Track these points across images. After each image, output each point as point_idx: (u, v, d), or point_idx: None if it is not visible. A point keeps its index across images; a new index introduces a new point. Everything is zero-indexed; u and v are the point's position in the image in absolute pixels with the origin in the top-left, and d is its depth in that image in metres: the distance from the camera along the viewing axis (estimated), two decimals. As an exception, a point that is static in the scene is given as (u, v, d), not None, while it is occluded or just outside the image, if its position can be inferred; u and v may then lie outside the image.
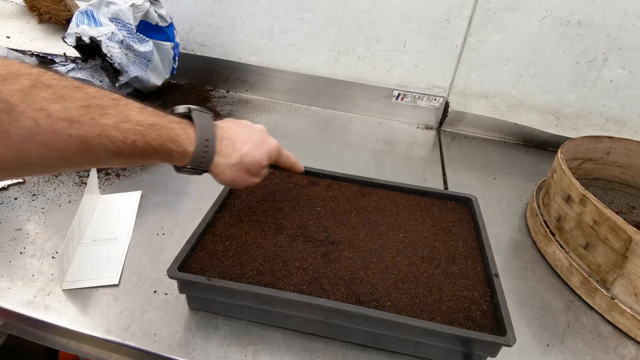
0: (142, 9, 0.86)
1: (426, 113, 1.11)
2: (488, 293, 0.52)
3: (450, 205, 0.68)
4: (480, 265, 0.56)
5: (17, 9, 1.14)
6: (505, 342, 0.44)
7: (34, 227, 0.64)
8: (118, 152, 0.39)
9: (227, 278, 0.49)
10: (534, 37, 0.96)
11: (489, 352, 0.47)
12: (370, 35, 1.04)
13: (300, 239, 0.57)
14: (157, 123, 0.42)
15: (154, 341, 0.49)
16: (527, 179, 0.91)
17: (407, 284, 0.51)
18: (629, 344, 0.56)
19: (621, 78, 0.96)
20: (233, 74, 1.17)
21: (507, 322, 0.46)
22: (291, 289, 0.49)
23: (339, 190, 0.68)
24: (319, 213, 0.62)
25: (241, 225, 0.58)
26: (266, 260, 0.53)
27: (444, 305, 0.49)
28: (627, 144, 0.85)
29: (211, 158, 0.48)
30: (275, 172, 0.70)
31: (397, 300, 0.49)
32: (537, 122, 1.06)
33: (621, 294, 0.57)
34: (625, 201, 0.86)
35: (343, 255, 0.55)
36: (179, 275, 0.48)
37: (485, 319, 0.48)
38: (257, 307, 0.50)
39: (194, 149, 0.46)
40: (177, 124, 0.45)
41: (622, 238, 0.55)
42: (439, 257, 0.57)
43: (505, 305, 0.48)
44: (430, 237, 0.60)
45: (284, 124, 1.05)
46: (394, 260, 0.55)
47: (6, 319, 0.53)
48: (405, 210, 0.65)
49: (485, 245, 0.58)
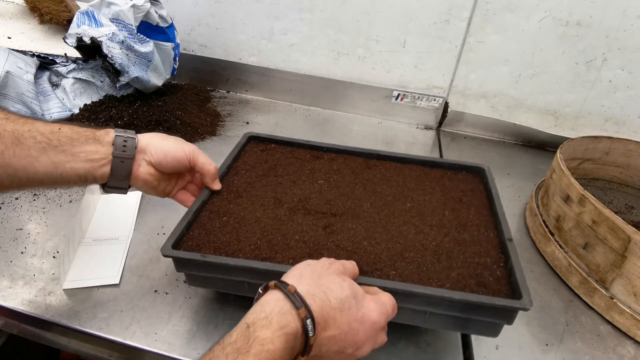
0: (142, 10, 0.87)
1: (426, 113, 1.11)
2: (502, 259, 0.48)
3: (461, 176, 0.64)
4: (493, 232, 0.52)
5: (18, 10, 1.14)
6: (521, 305, 0.41)
7: (35, 226, 0.64)
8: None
9: (223, 254, 0.47)
10: (533, 37, 0.96)
11: (504, 319, 0.44)
12: (370, 35, 1.05)
13: (300, 212, 0.54)
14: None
15: (154, 340, 0.49)
16: (526, 179, 0.91)
17: (413, 252, 0.49)
18: (627, 344, 0.56)
19: (620, 78, 0.96)
20: (233, 74, 1.17)
21: (523, 286, 0.42)
22: (290, 262, 0.47)
23: (344, 164, 0.65)
24: (322, 186, 0.59)
25: (239, 200, 0.56)
26: (264, 234, 0.50)
27: (453, 272, 0.46)
28: (626, 144, 0.85)
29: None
30: (278, 147, 0.67)
31: (403, 269, 0.46)
32: (536, 123, 1.06)
33: (620, 293, 0.57)
34: (624, 201, 0.87)
35: (346, 227, 0.52)
36: (172, 253, 0.46)
37: (499, 285, 0.45)
38: (255, 282, 0.47)
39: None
40: None
41: (621, 238, 0.55)
42: (448, 225, 0.53)
43: (520, 269, 0.45)
44: (440, 206, 0.57)
45: (284, 124, 1.06)
46: (400, 230, 0.52)
47: (7, 319, 0.53)
48: (414, 181, 0.61)
49: (499, 212, 0.54)
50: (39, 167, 0.43)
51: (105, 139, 0.47)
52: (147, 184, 0.51)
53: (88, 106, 0.85)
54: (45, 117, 0.81)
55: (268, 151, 0.67)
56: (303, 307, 0.35)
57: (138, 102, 0.89)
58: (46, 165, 0.44)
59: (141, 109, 0.88)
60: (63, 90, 0.86)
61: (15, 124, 0.44)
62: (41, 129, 0.44)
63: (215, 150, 0.90)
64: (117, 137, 0.48)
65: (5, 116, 0.44)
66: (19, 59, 0.80)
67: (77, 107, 0.85)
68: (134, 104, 0.89)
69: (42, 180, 0.44)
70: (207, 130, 0.96)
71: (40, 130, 0.44)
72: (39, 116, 0.80)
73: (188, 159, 0.53)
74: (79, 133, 0.46)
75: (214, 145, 0.92)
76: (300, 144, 0.68)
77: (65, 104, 0.85)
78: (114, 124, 0.81)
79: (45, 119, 0.46)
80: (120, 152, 0.48)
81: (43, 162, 0.43)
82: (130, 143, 0.49)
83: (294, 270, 0.40)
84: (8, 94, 0.76)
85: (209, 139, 0.94)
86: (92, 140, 0.46)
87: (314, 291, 0.37)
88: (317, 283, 0.38)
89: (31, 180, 0.44)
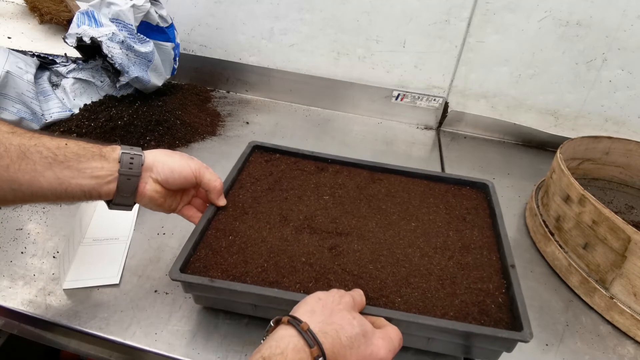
0: (142, 10, 0.87)
1: (426, 113, 1.11)
2: (504, 285, 0.49)
3: (465, 191, 0.65)
4: (495, 255, 0.53)
5: (18, 10, 1.14)
6: (521, 337, 0.42)
7: (35, 226, 0.64)
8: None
9: (231, 277, 0.48)
10: (533, 37, 0.96)
11: (504, 347, 0.46)
12: (370, 35, 1.05)
13: (306, 231, 0.55)
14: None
15: (154, 340, 0.49)
16: (526, 179, 0.91)
17: (418, 277, 0.49)
18: (627, 344, 0.56)
19: (620, 78, 0.96)
20: (233, 74, 1.17)
21: (524, 316, 0.44)
22: (297, 287, 0.47)
23: (348, 177, 0.65)
24: (327, 202, 0.60)
25: (245, 217, 0.56)
26: (271, 256, 0.51)
27: (457, 300, 0.47)
28: (626, 144, 0.85)
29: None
30: (282, 157, 0.68)
31: (408, 296, 0.47)
32: (536, 123, 1.06)
33: (620, 293, 0.57)
34: (624, 201, 0.87)
35: (351, 248, 0.53)
36: (180, 277, 0.46)
37: (501, 312, 0.46)
38: (262, 306, 0.49)
39: None
40: None
41: (621, 238, 0.55)
42: (452, 247, 0.54)
43: (521, 297, 0.46)
44: (444, 226, 0.58)
45: (284, 124, 1.06)
46: (405, 252, 0.53)
47: (7, 319, 0.53)
48: (418, 197, 0.62)
49: (502, 233, 0.55)
50: (44, 182, 0.43)
51: (111, 156, 0.47)
52: (152, 201, 0.51)
53: (88, 106, 0.85)
54: (45, 117, 0.81)
55: (272, 162, 0.67)
56: (316, 346, 0.36)
57: (138, 102, 0.89)
58: (51, 181, 0.43)
59: (141, 109, 0.88)
60: (63, 90, 0.86)
61: (22, 138, 0.43)
62: (47, 143, 0.44)
63: (215, 150, 0.90)
64: (124, 155, 0.48)
65: (12, 130, 0.43)
66: (19, 59, 0.80)
67: (77, 107, 0.85)
68: (134, 104, 0.89)
69: (46, 195, 0.44)
70: (207, 130, 0.96)
71: (47, 145, 0.44)
72: (39, 116, 0.80)
73: (194, 176, 0.53)
74: (85, 149, 0.46)
75: (213, 146, 0.92)
76: (304, 155, 0.69)
77: (65, 104, 0.85)
78: (114, 124, 0.81)
79: (51, 134, 0.46)
80: (126, 170, 0.47)
81: (48, 178, 0.43)
82: (137, 160, 0.48)
83: (305, 306, 0.41)
84: (8, 94, 0.76)
85: (209, 139, 0.94)
86: (98, 157, 0.46)
87: (325, 329, 0.38)
88: (329, 320, 0.39)
89: (35, 195, 0.44)
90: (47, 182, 0.43)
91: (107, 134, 0.81)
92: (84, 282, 0.55)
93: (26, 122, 0.78)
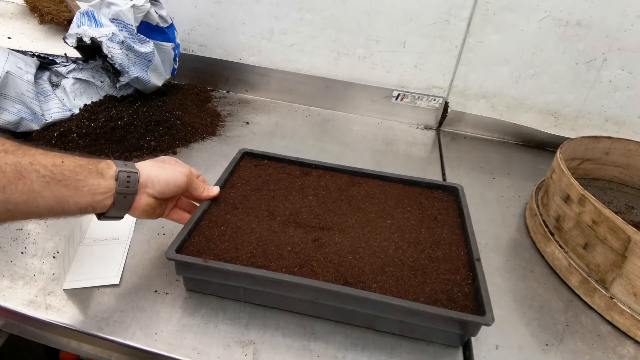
0: (142, 10, 0.87)
1: (426, 113, 1.11)
2: (470, 276, 0.54)
3: (437, 194, 0.70)
4: (463, 251, 0.58)
5: (18, 10, 1.14)
6: (484, 321, 0.46)
7: (35, 227, 0.64)
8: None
9: (222, 260, 0.51)
10: (533, 37, 0.96)
11: (469, 331, 0.49)
12: (370, 35, 1.05)
13: (292, 225, 0.59)
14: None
15: (154, 340, 0.49)
16: (526, 179, 0.91)
17: (393, 267, 0.54)
18: (627, 344, 0.56)
19: (620, 78, 0.96)
20: (233, 74, 1.17)
21: (487, 303, 0.48)
22: (283, 270, 0.51)
23: (331, 180, 0.70)
24: (311, 201, 0.64)
25: (236, 212, 0.60)
26: (259, 244, 0.55)
27: (427, 287, 0.51)
28: (626, 144, 0.85)
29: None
30: (270, 163, 0.73)
31: (383, 282, 0.51)
32: (536, 123, 1.06)
33: (620, 293, 0.57)
34: (624, 201, 0.87)
35: (333, 240, 0.57)
36: (176, 257, 0.50)
37: (467, 301, 0.50)
38: (251, 288, 0.52)
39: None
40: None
41: (621, 238, 0.55)
42: (424, 242, 0.59)
43: (485, 287, 0.50)
44: (417, 224, 0.62)
45: (284, 124, 1.06)
46: (381, 245, 0.57)
47: (7, 319, 0.53)
48: (394, 199, 0.67)
49: (469, 231, 0.60)
50: (42, 202, 0.42)
51: (108, 173, 0.47)
52: (144, 212, 0.52)
53: (88, 106, 0.85)
54: (45, 117, 0.81)
55: (261, 167, 0.72)
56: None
57: (138, 102, 0.89)
58: (49, 200, 0.43)
59: (141, 109, 0.88)
60: (63, 91, 0.86)
61: (15, 156, 0.42)
62: (43, 161, 0.43)
63: (215, 150, 0.90)
64: (121, 173, 0.48)
65: (3, 147, 0.42)
66: (19, 59, 0.80)
67: (77, 107, 0.85)
68: (134, 104, 0.89)
69: (41, 213, 0.43)
70: (207, 130, 0.96)
71: (42, 162, 0.43)
72: (39, 116, 0.80)
73: (187, 180, 0.55)
74: (81, 166, 0.45)
75: (213, 146, 0.92)
76: (290, 160, 0.74)
77: (65, 104, 0.85)
78: (114, 124, 0.81)
79: (43, 148, 0.45)
80: (123, 189, 0.48)
81: (46, 197, 0.42)
82: (134, 178, 0.49)
83: None
84: (8, 94, 0.76)
85: (209, 139, 0.94)
86: (95, 174, 0.46)
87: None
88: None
89: (31, 214, 0.43)
90: (44, 202, 0.43)
91: (107, 134, 0.81)
92: (84, 282, 0.55)
93: (26, 122, 0.78)
